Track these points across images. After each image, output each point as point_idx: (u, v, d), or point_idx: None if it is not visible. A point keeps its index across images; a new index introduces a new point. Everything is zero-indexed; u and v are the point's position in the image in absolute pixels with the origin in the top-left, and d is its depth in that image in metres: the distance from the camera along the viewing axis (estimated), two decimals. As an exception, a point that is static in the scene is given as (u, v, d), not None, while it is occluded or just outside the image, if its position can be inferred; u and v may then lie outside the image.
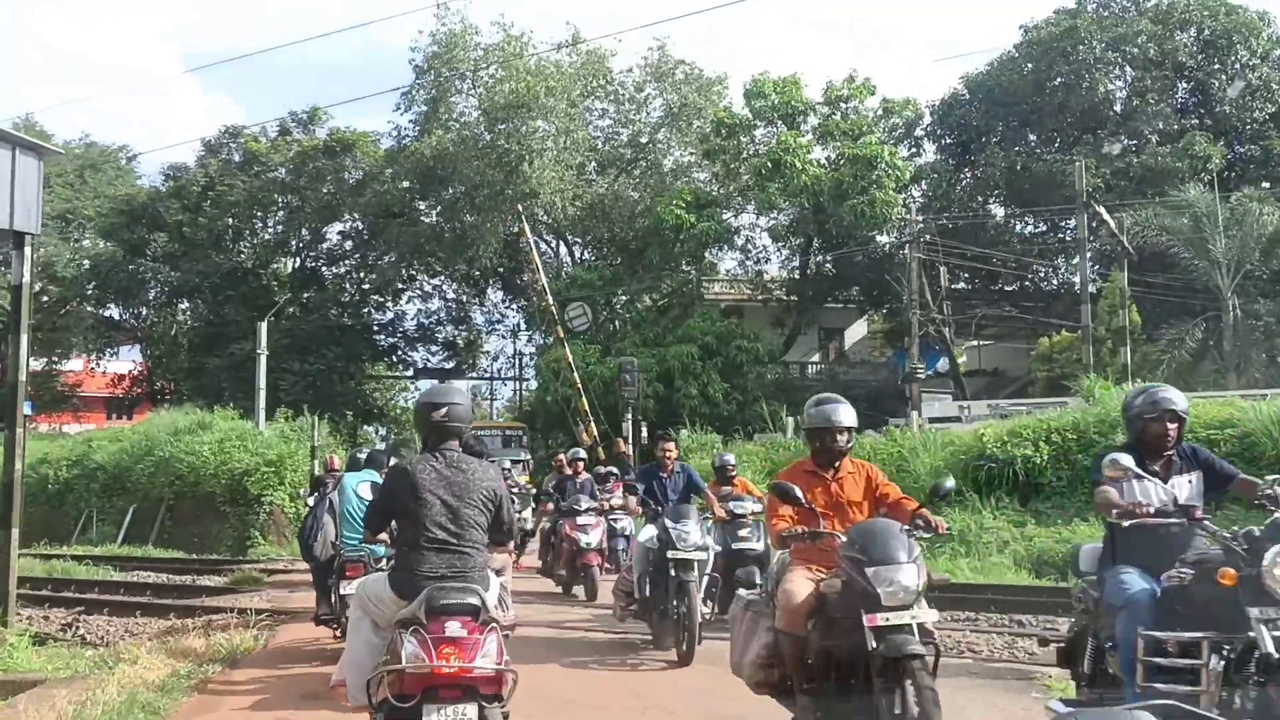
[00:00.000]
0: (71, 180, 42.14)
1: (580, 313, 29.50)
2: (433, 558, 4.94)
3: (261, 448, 27.24)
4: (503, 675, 4.69)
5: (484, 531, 5.10)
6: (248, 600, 13.53)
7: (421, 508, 4.97)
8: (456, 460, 5.11)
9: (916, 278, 28.51)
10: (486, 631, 4.71)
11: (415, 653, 4.58)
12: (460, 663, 4.56)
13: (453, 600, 4.73)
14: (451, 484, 5.04)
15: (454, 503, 5.01)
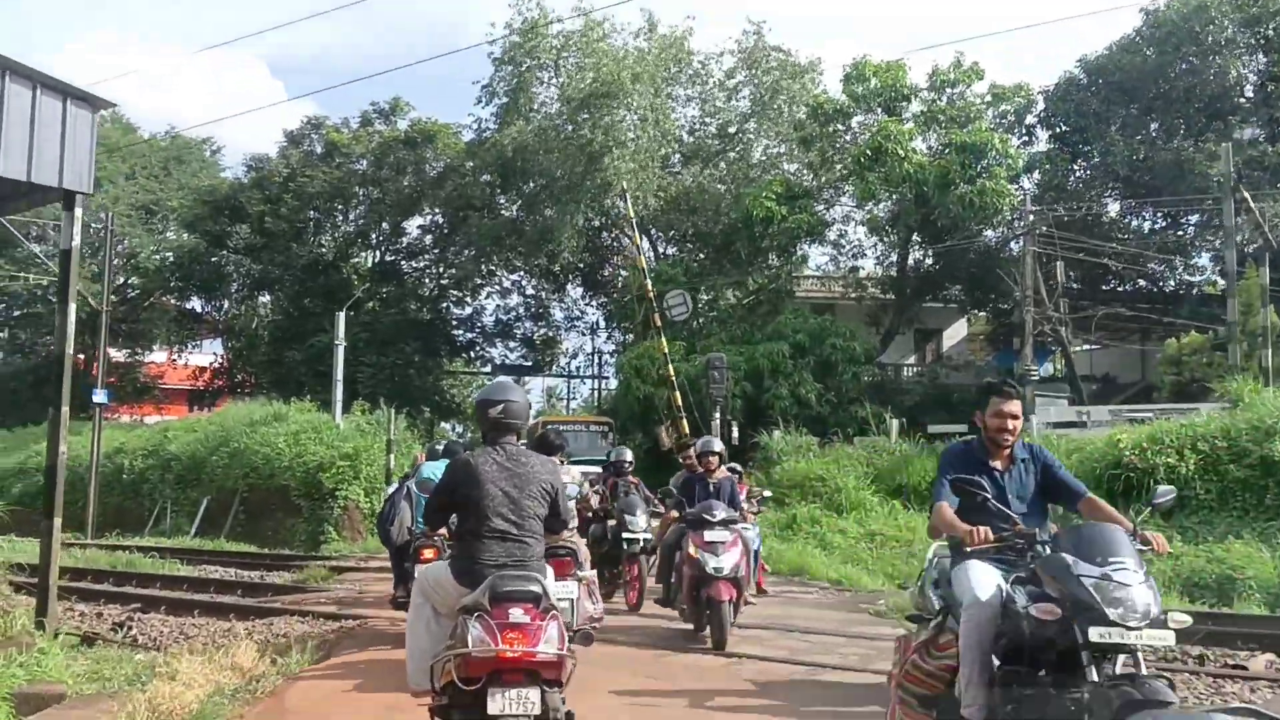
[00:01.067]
0: (156, 172, 42.05)
1: (680, 301, 27.81)
2: (494, 546, 5.09)
3: (337, 441, 26.34)
4: (563, 660, 4.78)
5: (542, 522, 5.28)
6: (314, 601, 12.34)
7: (483, 498, 5.13)
8: (515, 453, 5.30)
9: (1031, 273, 26.49)
10: (548, 618, 4.82)
11: (481, 637, 4.69)
12: (524, 647, 4.67)
13: (516, 587, 4.86)
14: (512, 475, 5.22)
15: (514, 494, 5.18)
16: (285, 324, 40.18)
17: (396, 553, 9.62)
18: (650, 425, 28.96)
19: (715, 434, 23.45)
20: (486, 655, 4.65)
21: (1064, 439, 21.31)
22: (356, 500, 25.27)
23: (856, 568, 16.78)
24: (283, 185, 37.66)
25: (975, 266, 32.25)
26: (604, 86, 31.09)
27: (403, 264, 42.05)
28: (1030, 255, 26.71)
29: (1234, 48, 29.52)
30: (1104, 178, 32.09)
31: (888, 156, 29.29)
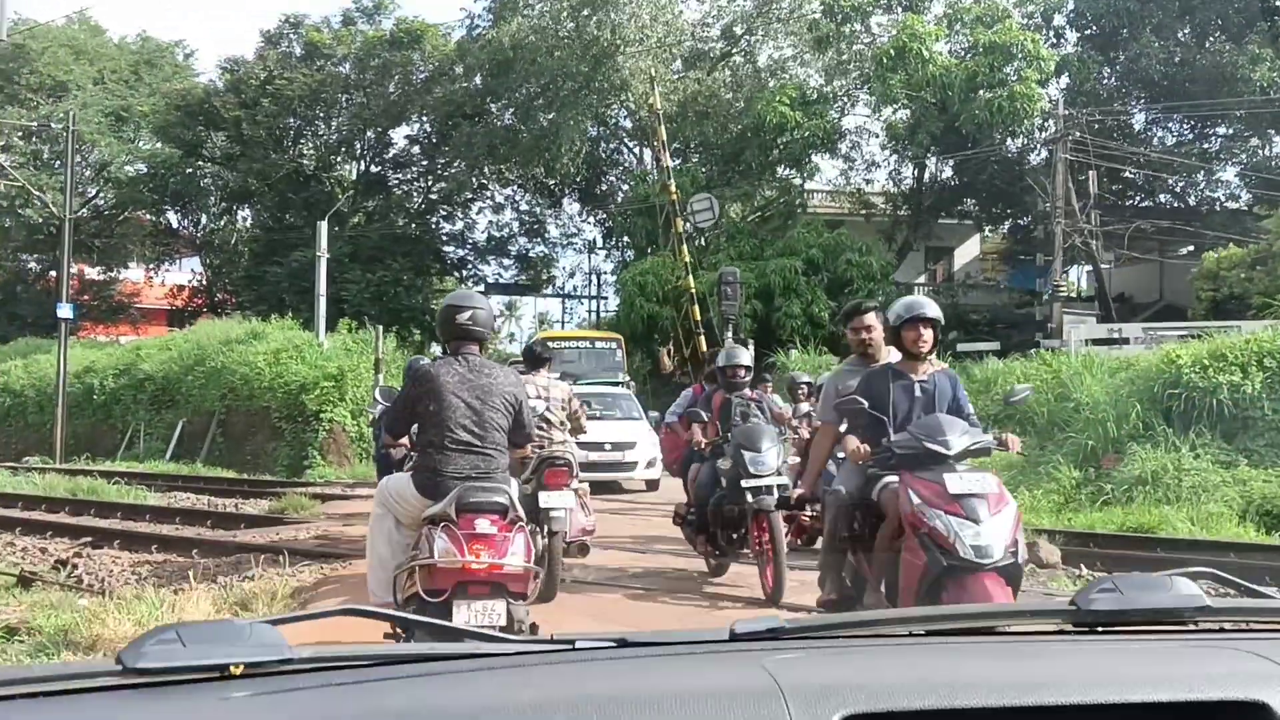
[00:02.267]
0: (126, 77, 39.55)
1: (706, 205, 25.69)
2: (458, 458, 5.01)
3: (321, 360, 24.65)
4: (529, 573, 4.76)
5: (506, 434, 5.18)
6: (291, 536, 10.76)
7: (445, 409, 5.03)
8: (478, 364, 5.17)
9: (1063, 181, 24.70)
10: (515, 529, 4.76)
11: (447, 548, 4.61)
12: (491, 559, 4.61)
13: (482, 499, 4.77)
14: (474, 387, 5.09)
15: (477, 405, 5.08)
16: (265, 239, 38.19)
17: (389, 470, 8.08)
18: (654, 347, 27.35)
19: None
20: (453, 566, 4.58)
21: (1105, 357, 19.81)
22: (343, 423, 23.69)
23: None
24: (259, 89, 35.27)
25: (997, 178, 30.40)
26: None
27: (390, 175, 39.83)
28: (1062, 163, 24.91)
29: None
30: (1134, 84, 30.12)
31: (911, 57, 27.29)
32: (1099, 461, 16.15)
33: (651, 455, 15.87)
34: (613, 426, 15.83)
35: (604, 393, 18.19)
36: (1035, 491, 15.37)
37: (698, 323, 22.87)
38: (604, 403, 16.99)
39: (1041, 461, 16.71)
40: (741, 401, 8.33)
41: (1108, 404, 16.49)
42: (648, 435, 15.73)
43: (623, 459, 15.77)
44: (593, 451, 14.72)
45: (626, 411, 17.19)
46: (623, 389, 19.45)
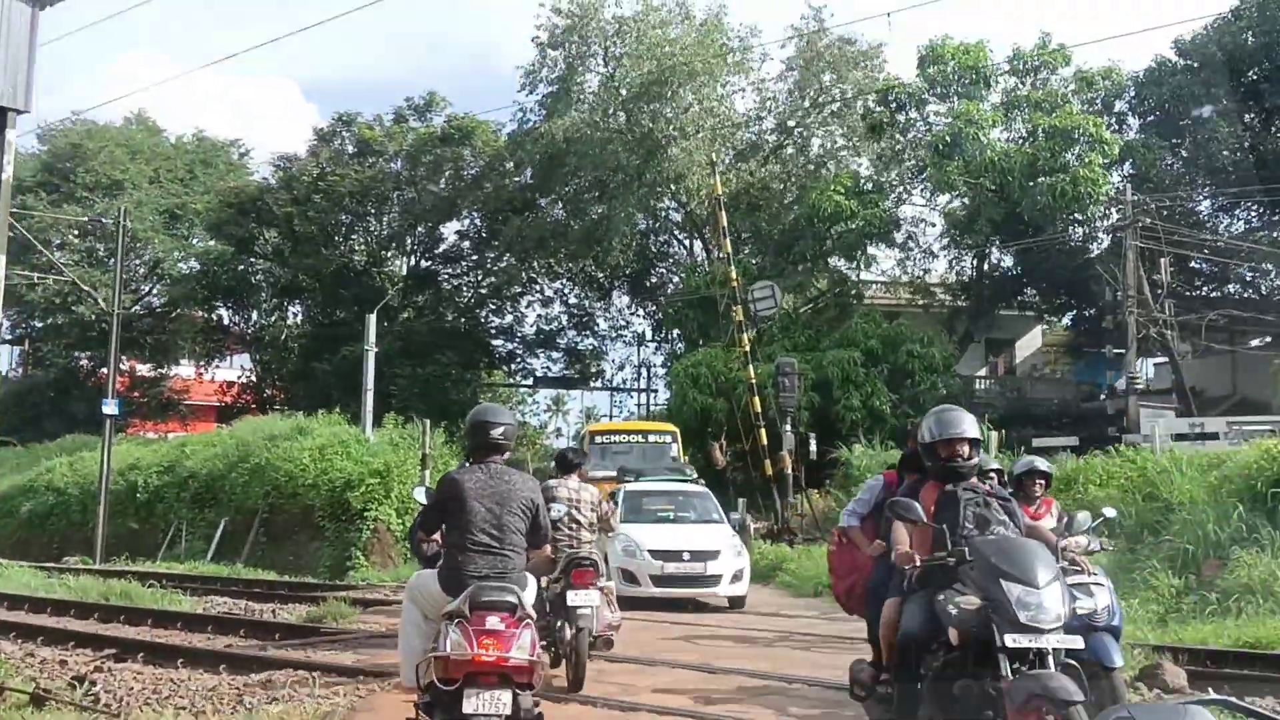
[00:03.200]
0: (181, 175, 40.12)
1: (768, 294, 24.77)
2: (477, 559, 5.47)
3: (367, 456, 23.93)
4: (534, 666, 5.17)
5: (524, 536, 5.62)
6: (328, 647, 9.86)
7: (467, 514, 5.52)
8: (498, 471, 5.66)
9: (1135, 269, 23.72)
10: (522, 626, 5.17)
11: (459, 641, 5.05)
12: (498, 653, 5.05)
13: (493, 598, 5.21)
14: (494, 493, 5.57)
15: (497, 510, 5.54)
16: (315, 334, 38.05)
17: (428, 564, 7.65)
18: (707, 441, 26.38)
19: (787, 445, 20.85)
20: (463, 658, 5.02)
21: (1193, 454, 18.52)
22: (387, 521, 22.82)
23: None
24: (312, 185, 35.45)
25: (1061, 267, 29.45)
26: (665, 73, 28.60)
27: (439, 270, 39.71)
28: (1133, 250, 23.96)
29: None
30: (1200, 170, 29.22)
31: (968, 143, 26.73)
32: (1198, 568, 14.86)
33: (737, 567, 13.95)
34: (690, 532, 14.20)
35: (676, 489, 16.32)
36: (1132, 600, 14.08)
37: (757, 414, 21.90)
38: (677, 502, 15.36)
39: (1135, 567, 15.45)
40: (974, 496, 5.20)
41: (1206, 504, 15.22)
42: (731, 542, 14.15)
43: (704, 571, 13.63)
44: (668, 562, 13.49)
45: (704, 513, 15.13)
46: (699, 485, 17.24)
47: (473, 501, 5.53)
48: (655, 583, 13.41)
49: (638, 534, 13.57)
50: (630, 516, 13.89)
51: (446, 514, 5.68)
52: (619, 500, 14.12)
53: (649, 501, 15.15)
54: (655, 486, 16.39)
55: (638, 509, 14.61)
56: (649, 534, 13.74)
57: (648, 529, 13.92)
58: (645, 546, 13.51)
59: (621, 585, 12.22)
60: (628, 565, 13.39)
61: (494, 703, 5.02)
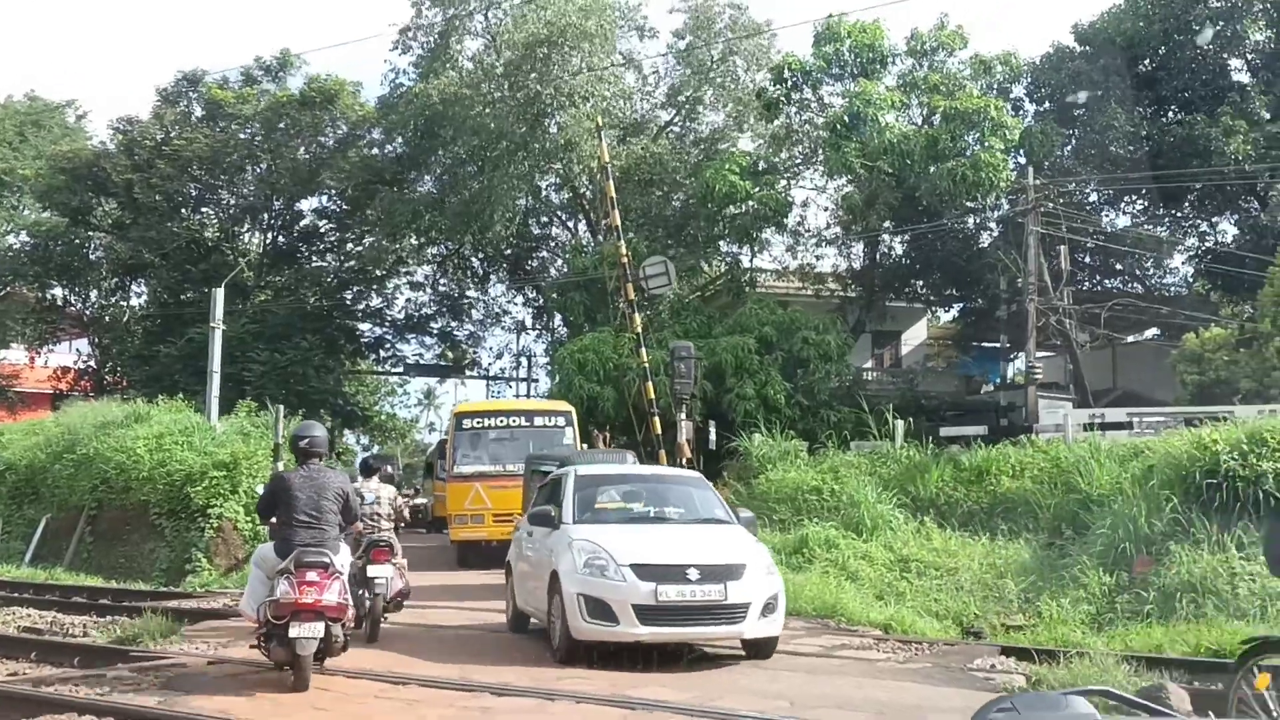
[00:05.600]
0: (10, 138, 36.22)
1: (660, 270, 22.76)
2: (301, 532, 7.85)
3: (212, 446, 21.28)
4: (343, 606, 7.64)
5: (338, 515, 8.11)
6: (128, 686, 7.68)
7: (292, 501, 7.95)
8: (315, 470, 8.19)
9: (1036, 256, 22.93)
10: (333, 578, 7.59)
11: (287, 590, 7.42)
12: (316, 596, 7.41)
13: (313, 559, 7.59)
14: (313, 485, 8.04)
15: (314, 497, 7.97)
16: (160, 315, 34.72)
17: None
18: (591, 432, 24.59)
19: (684, 435, 19.21)
20: (290, 601, 7.36)
21: (1110, 444, 17.66)
22: (234, 519, 20.20)
23: (900, 606, 12.71)
24: (154, 150, 32.19)
25: (956, 255, 28.72)
26: (553, 33, 26.58)
27: (299, 247, 36.76)
28: (1034, 236, 23.16)
29: (1245, 12, 26.55)
30: (1092, 158, 28.83)
31: (866, 125, 25.62)
32: (1129, 564, 13.83)
33: (770, 591, 8.88)
34: (691, 537, 9.48)
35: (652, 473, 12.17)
36: (1062, 600, 12.96)
37: (652, 401, 20.16)
38: (655, 492, 10.63)
39: (1060, 565, 14.40)
40: None
41: (1137, 497, 14.21)
42: (757, 553, 9.22)
43: (722, 599, 8.60)
44: (665, 584, 8.48)
45: (701, 509, 10.21)
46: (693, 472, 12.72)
47: (296, 491, 7.95)
48: (644, 618, 8.43)
49: (607, 539, 8.96)
50: (587, 514, 9.72)
51: (277, 502, 8.10)
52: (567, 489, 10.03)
53: (612, 491, 10.62)
54: (621, 469, 12.22)
55: (593, 502, 10.14)
56: (626, 540, 8.98)
57: (622, 533, 9.27)
58: (623, 559, 8.63)
59: (582, 622, 8.50)
60: (594, 589, 8.54)
61: (311, 630, 7.35)
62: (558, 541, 9.27)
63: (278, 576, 7.54)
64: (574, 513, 9.62)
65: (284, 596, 7.32)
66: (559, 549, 9.09)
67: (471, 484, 18.46)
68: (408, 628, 11.17)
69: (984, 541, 15.31)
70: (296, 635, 7.30)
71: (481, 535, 18.39)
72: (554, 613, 8.97)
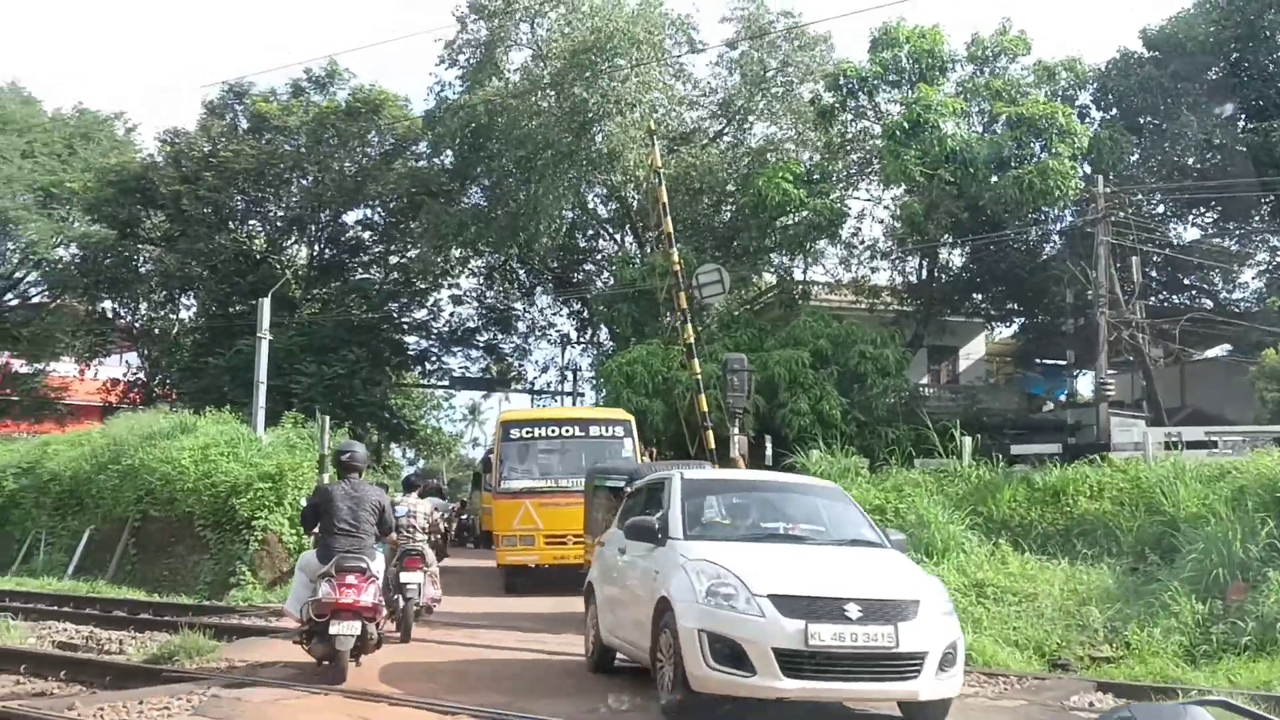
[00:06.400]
0: (59, 150, 36.35)
1: (715, 278, 21.78)
2: (341, 540, 8.68)
3: (257, 457, 20.91)
4: (378, 606, 8.59)
5: (374, 526, 8.94)
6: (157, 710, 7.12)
7: (334, 511, 8.78)
8: (356, 484, 9.02)
9: (1107, 267, 21.98)
10: (369, 581, 8.49)
11: (328, 591, 8.29)
12: (354, 597, 8.26)
13: (351, 563, 8.49)
14: (352, 498, 8.87)
15: (354, 508, 8.80)
16: (208, 328, 34.64)
17: None
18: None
19: (737, 449, 18.51)
20: (329, 601, 8.23)
21: (1195, 463, 16.66)
22: (279, 532, 19.82)
23: (979, 634, 11.88)
24: (201, 162, 32.09)
25: (1020, 267, 27.76)
26: (600, 40, 26.06)
27: (346, 260, 36.54)
28: (1105, 247, 22.22)
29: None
30: (1161, 167, 27.79)
31: (926, 131, 24.83)
32: (1221, 591, 12.88)
33: (949, 638, 7.00)
34: (845, 563, 7.52)
35: (777, 480, 10.04)
36: (1152, 629, 12.06)
37: (705, 414, 19.41)
38: (783, 507, 8.63)
39: (1147, 591, 13.48)
40: None
41: (1230, 519, 13.26)
42: (930, 588, 7.34)
43: (892, 646, 6.68)
44: (819, 623, 6.54)
45: (844, 527, 8.26)
46: (827, 481, 10.62)
47: (338, 503, 8.76)
48: (790, 667, 6.52)
49: (734, 560, 7.08)
50: (697, 528, 7.92)
51: (320, 512, 8.90)
52: (672, 496, 8.19)
53: (728, 501, 8.82)
54: (737, 475, 10.96)
55: (703, 514, 8.34)
56: (759, 563, 7.11)
57: (751, 553, 7.37)
58: (759, 587, 6.74)
59: (705, 668, 6.65)
60: (721, 625, 6.68)
61: (349, 628, 8.17)
62: (666, 561, 7.41)
63: (319, 579, 8.42)
64: (683, 526, 7.76)
65: (325, 597, 8.22)
66: (668, 570, 7.26)
67: (520, 501, 16.54)
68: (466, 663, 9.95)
69: (1063, 566, 14.39)
70: (336, 632, 8.14)
71: (531, 558, 16.59)
72: (662, 653, 7.12)
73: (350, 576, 8.28)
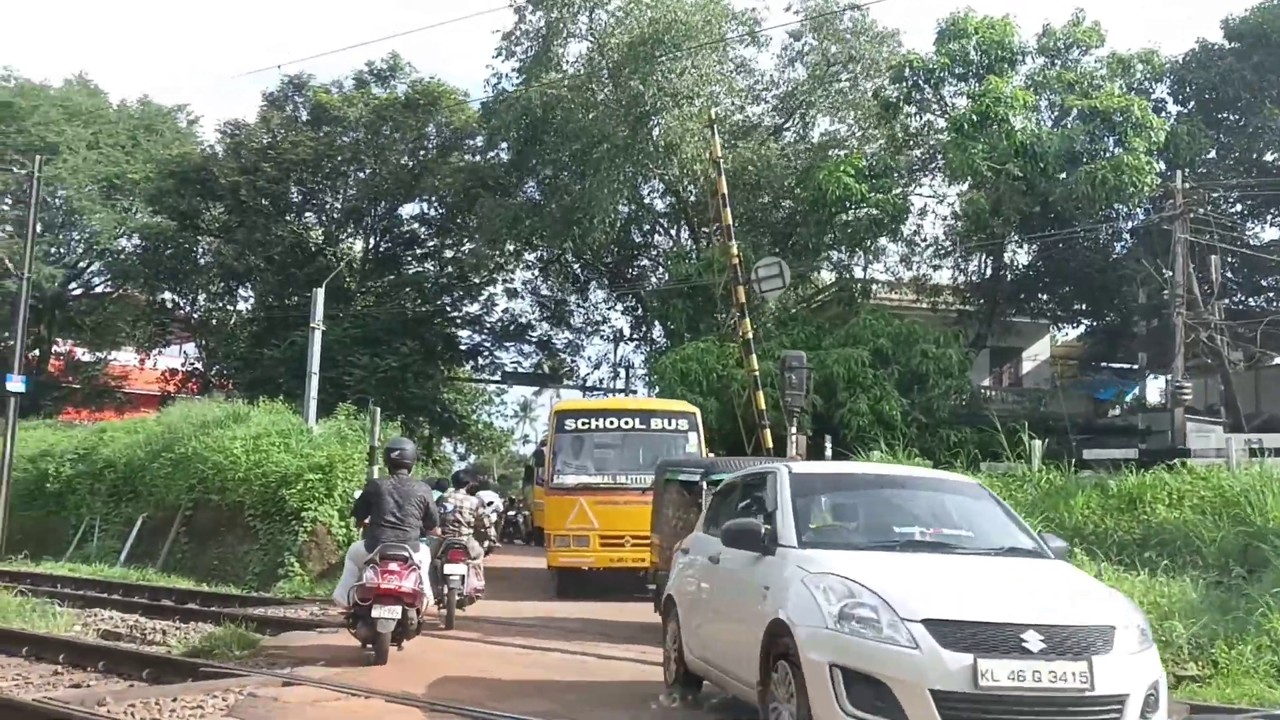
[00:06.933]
0: (123, 142, 36.70)
1: (774, 271, 20.98)
2: (387, 532, 9.36)
3: (308, 448, 20.73)
4: (417, 593, 9.12)
5: (419, 520, 9.62)
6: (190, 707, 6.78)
7: (382, 505, 9.48)
8: (403, 479, 9.80)
9: (1184, 266, 21.07)
10: (410, 570, 9.09)
11: (372, 577, 8.93)
12: (396, 583, 8.90)
13: (394, 552, 9.11)
14: (400, 493, 9.59)
15: (400, 502, 9.52)
16: (264, 319, 34.79)
17: None
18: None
19: (795, 449, 17.94)
20: (372, 586, 8.87)
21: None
22: (328, 523, 19.61)
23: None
24: (261, 153, 32.16)
25: (1090, 265, 26.82)
26: (658, 31, 25.60)
27: (401, 253, 36.49)
28: (1182, 244, 21.32)
29: None
30: (1239, 163, 26.69)
31: (994, 124, 24.05)
32: (1317, 607, 12.08)
33: (1150, 676, 5.49)
34: (1013, 578, 5.97)
35: (907, 477, 7.79)
36: (1242, 648, 11.33)
37: (763, 412, 18.83)
38: (916, 509, 6.94)
39: (1234, 606, 12.73)
40: None
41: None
42: (1122, 608, 5.83)
43: (1086, 688, 5.16)
44: (996, 657, 5.10)
45: (995, 533, 6.62)
46: (965, 477, 8.73)
47: (386, 496, 9.52)
48: (954, 717, 5.10)
49: (872, 575, 5.64)
50: (816, 535, 6.48)
51: (369, 505, 9.67)
52: (780, 494, 6.70)
53: (849, 502, 7.15)
54: (857, 469, 9.20)
55: (816, 516, 6.83)
56: (905, 578, 5.69)
57: (892, 565, 5.94)
58: (910, 609, 5.34)
59: (842, 714, 5.20)
60: (861, 658, 5.28)
61: (390, 611, 8.87)
62: (778, 574, 6.02)
63: (365, 566, 9.04)
64: (797, 530, 6.32)
65: (368, 582, 8.85)
66: (783, 586, 5.87)
67: (575, 498, 15.42)
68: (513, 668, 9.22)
69: (1142, 577, 13.62)
70: (378, 615, 8.77)
71: (586, 560, 15.45)
72: (776, 690, 5.75)
73: (393, 564, 8.93)
